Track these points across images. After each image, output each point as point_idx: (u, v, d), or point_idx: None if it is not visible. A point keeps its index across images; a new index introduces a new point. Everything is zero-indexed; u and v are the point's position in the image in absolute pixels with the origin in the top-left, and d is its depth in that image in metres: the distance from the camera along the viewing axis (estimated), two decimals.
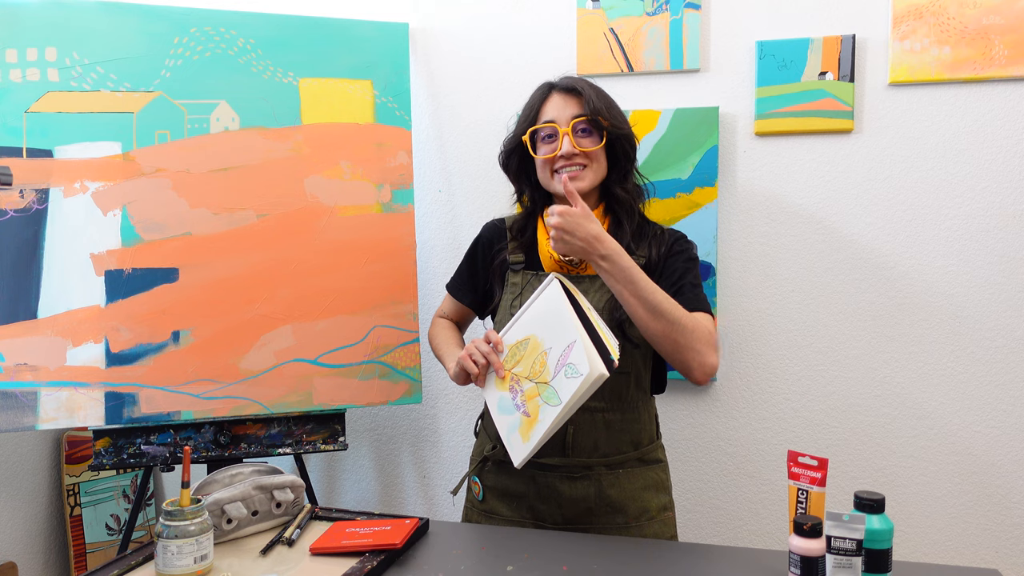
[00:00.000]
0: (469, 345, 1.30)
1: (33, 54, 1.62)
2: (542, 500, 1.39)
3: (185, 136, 1.70)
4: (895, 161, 1.78)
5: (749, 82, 1.83)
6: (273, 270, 1.74)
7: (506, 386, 1.25)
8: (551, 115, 1.39)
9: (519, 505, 1.41)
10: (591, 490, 1.37)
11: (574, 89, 1.39)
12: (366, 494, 2.16)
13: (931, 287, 1.78)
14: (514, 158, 1.47)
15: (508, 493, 1.42)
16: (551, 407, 1.15)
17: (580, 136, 1.37)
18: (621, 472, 1.38)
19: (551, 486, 1.37)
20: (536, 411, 1.17)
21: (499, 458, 1.41)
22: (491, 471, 1.45)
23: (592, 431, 1.36)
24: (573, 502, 1.37)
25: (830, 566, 1.02)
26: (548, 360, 1.18)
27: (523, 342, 1.24)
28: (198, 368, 1.69)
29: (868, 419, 1.83)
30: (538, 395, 1.18)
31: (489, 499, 1.44)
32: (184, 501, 1.12)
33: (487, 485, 1.45)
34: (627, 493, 1.38)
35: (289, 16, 1.79)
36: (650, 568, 1.14)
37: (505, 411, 1.24)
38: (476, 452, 1.52)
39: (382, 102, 1.83)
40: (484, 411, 1.49)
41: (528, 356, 1.23)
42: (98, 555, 2.05)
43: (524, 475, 1.38)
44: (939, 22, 1.72)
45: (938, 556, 1.81)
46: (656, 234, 1.42)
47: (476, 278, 1.54)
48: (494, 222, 1.55)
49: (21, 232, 1.61)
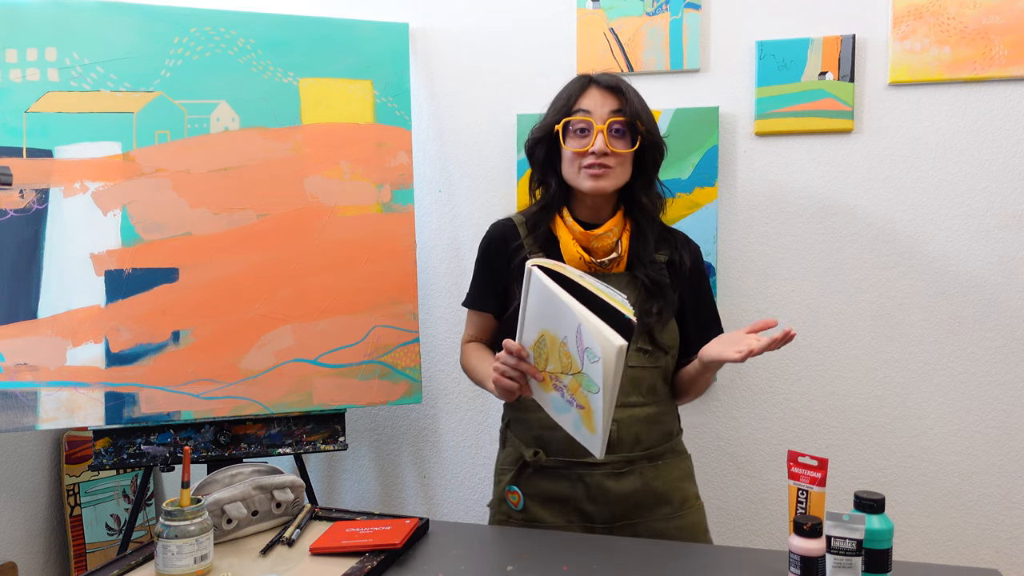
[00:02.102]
0: (495, 364, 1.23)
1: (33, 54, 1.62)
2: (591, 500, 1.37)
3: (185, 136, 1.70)
4: (895, 161, 1.78)
5: (749, 82, 1.83)
6: (273, 270, 1.74)
7: (550, 387, 1.19)
8: (588, 107, 1.35)
9: (565, 509, 1.38)
10: (637, 483, 1.37)
11: (616, 87, 1.36)
12: (366, 494, 2.16)
13: (931, 287, 1.78)
14: (541, 147, 1.42)
15: (553, 498, 1.38)
16: (594, 394, 1.10)
17: (613, 136, 1.34)
18: (661, 464, 1.39)
19: (599, 485, 1.36)
20: (586, 401, 1.13)
21: (541, 463, 1.38)
22: (531, 478, 1.40)
23: (633, 426, 1.36)
24: (622, 498, 1.36)
25: (830, 566, 1.02)
26: (569, 350, 1.12)
27: (540, 340, 1.18)
28: (198, 368, 1.69)
29: (868, 419, 1.83)
30: (580, 386, 1.13)
31: (530, 507, 1.40)
32: (184, 501, 1.12)
33: (528, 493, 1.40)
34: (669, 484, 1.40)
35: (289, 16, 1.79)
36: (650, 568, 1.14)
37: (562, 410, 1.20)
38: (505, 461, 1.47)
39: (382, 102, 1.83)
40: (509, 419, 1.47)
41: (552, 351, 1.16)
42: (98, 555, 2.05)
43: (571, 477, 1.37)
44: (939, 22, 1.72)
45: (938, 556, 1.81)
46: (682, 239, 1.47)
47: (495, 283, 1.48)
48: (501, 222, 1.50)
49: (21, 232, 1.61)
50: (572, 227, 1.39)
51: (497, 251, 1.47)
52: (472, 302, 1.53)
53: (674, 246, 1.44)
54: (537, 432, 1.39)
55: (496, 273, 1.47)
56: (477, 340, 1.54)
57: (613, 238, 1.38)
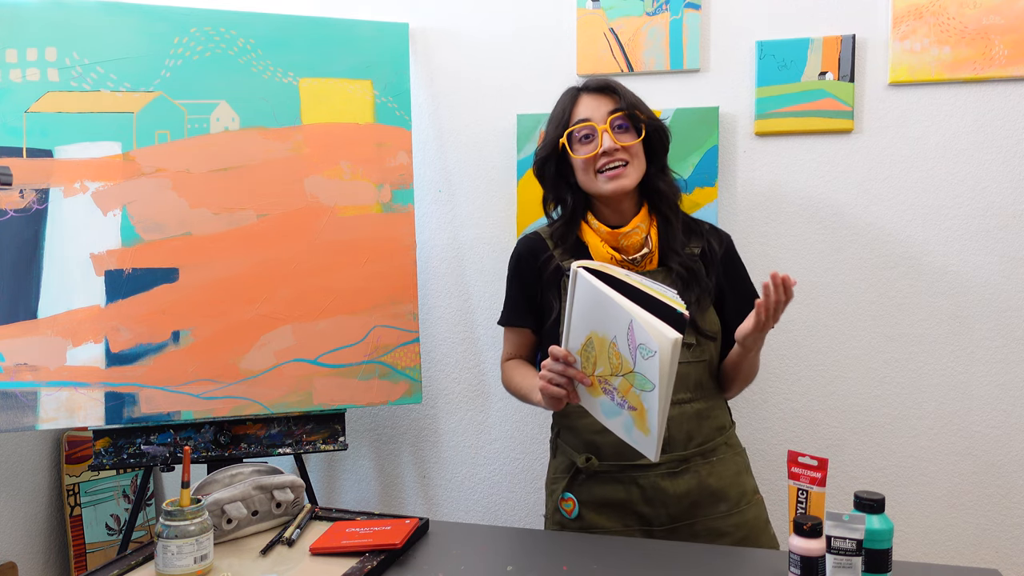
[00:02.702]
0: (541, 372, 1.21)
1: (33, 54, 1.62)
2: (647, 503, 1.36)
3: (185, 136, 1.70)
4: (895, 161, 1.78)
5: (749, 82, 1.83)
6: (273, 270, 1.74)
7: (599, 391, 1.17)
8: (585, 114, 1.37)
9: (623, 513, 1.37)
10: (693, 482, 1.36)
11: (606, 87, 1.38)
12: (366, 494, 2.16)
13: (931, 287, 1.78)
14: (550, 164, 1.42)
15: (609, 503, 1.38)
16: (649, 392, 1.08)
17: (618, 132, 1.36)
18: (715, 460, 1.39)
19: (655, 486, 1.35)
20: (639, 402, 1.10)
21: (595, 469, 1.37)
22: (585, 484, 1.39)
23: (684, 423, 1.36)
24: (678, 498, 1.35)
25: (830, 566, 1.02)
26: (620, 350, 1.10)
27: (588, 343, 1.15)
28: (198, 368, 1.69)
29: (868, 419, 1.83)
30: (632, 386, 1.10)
31: (586, 514, 1.39)
32: (184, 501, 1.12)
33: (582, 500, 1.39)
34: (726, 480, 1.38)
35: (289, 16, 1.79)
36: (650, 568, 1.14)
37: (612, 414, 1.17)
38: (558, 470, 1.46)
39: (382, 102, 1.83)
40: (559, 427, 1.46)
41: (600, 354, 1.14)
42: (98, 555, 2.05)
43: (626, 480, 1.36)
44: (939, 22, 1.72)
45: (938, 556, 1.81)
46: (708, 228, 1.47)
47: (531, 297, 1.47)
48: (529, 236, 1.50)
49: (21, 232, 1.61)
50: (599, 229, 1.39)
51: (528, 265, 1.47)
52: (508, 320, 1.52)
53: (701, 235, 1.45)
54: (588, 438, 1.39)
55: (529, 287, 1.47)
56: (516, 357, 1.53)
57: (642, 234, 1.39)
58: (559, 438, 1.47)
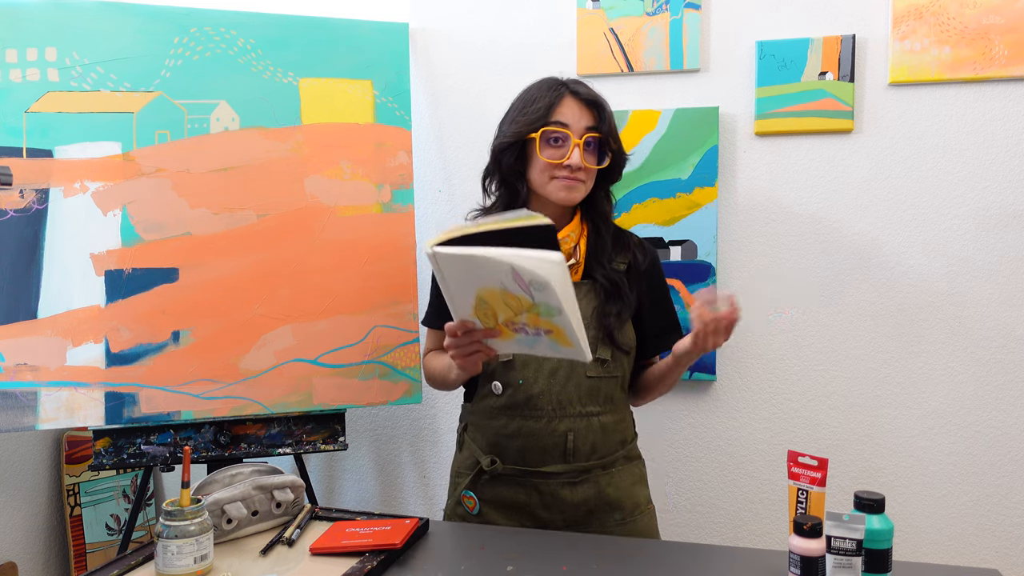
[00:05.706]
0: (447, 349, 1.22)
1: (33, 54, 1.62)
2: (545, 508, 1.38)
3: (185, 136, 1.70)
4: (895, 161, 1.78)
5: (749, 82, 1.83)
6: (273, 270, 1.74)
7: (510, 334, 1.16)
8: (566, 119, 1.34)
9: (521, 515, 1.40)
10: (591, 492, 1.38)
11: (594, 102, 1.36)
12: (366, 494, 2.16)
13: (931, 287, 1.78)
14: (510, 153, 1.38)
15: (508, 504, 1.40)
16: (559, 316, 1.06)
17: (587, 152, 1.35)
18: (614, 471, 1.40)
19: (554, 494, 1.37)
20: (552, 325, 1.09)
21: (498, 471, 1.39)
22: (488, 484, 1.41)
23: (590, 435, 1.37)
24: (575, 506, 1.38)
25: (830, 566, 1.02)
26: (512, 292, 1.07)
27: (479, 303, 1.13)
28: (198, 368, 1.69)
29: (868, 419, 1.83)
30: (539, 316, 1.09)
31: (486, 511, 1.42)
32: (184, 501, 1.12)
33: (484, 499, 1.42)
34: (622, 491, 1.41)
35: (289, 16, 1.79)
36: (649, 568, 1.14)
37: (532, 344, 1.16)
38: (462, 465, 1.47)
39: (382, 102, 1.83)
40: (467, 423, 1.47)
41: (496, 304, 1.12)
42: (98, 555, 2.05)
43: (527, 485, 1.38)
44: (939, 22, 1.72)
45: (938, 556, 1.81)
46: (636, 242, 1.47)
47: None
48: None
49: (21, 232, 1.61)
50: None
51: None
52: (431, 321, 1.53)
53: (628, 248, 1.45)
54: (493, 439, 1.40)
55: None
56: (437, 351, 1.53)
57: (571, 243, 1.40)
58: (466, 432, 1.48)
